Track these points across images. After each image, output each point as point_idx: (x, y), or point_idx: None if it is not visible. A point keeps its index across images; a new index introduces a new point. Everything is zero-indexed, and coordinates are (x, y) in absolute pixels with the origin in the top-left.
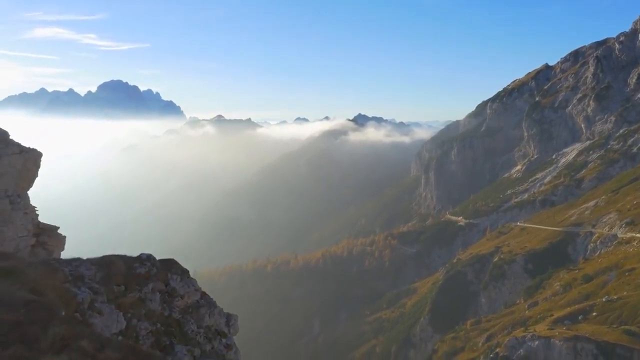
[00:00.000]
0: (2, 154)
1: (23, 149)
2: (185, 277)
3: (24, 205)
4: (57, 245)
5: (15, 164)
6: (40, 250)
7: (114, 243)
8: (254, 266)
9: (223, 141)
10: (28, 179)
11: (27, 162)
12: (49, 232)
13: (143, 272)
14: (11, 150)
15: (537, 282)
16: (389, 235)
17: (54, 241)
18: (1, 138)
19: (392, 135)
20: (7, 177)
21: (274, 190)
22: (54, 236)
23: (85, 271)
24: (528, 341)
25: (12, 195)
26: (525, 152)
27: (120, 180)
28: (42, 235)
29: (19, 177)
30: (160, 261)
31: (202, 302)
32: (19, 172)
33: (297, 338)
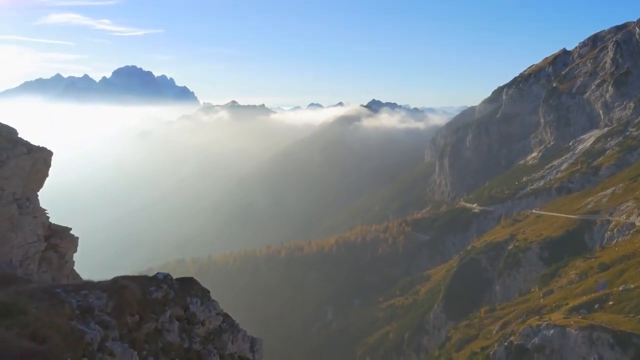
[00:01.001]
0: (9, 155)
1: (32, 148)
2: (206, 300)
3: (33, 209)
4: (70, 247)
5: (24, 165)
6: (52, 254)
7: (128, 230)
8: (268, 252)
9: (237, 127)
10: (38, 180)
11: (36, 163)
12: (61, 233)
13: (160, 296)
14: (19, 151)
15: (552, 270)
16: (403, 222)
17: (66, 243)
18: (9, 137)
19: (406, 121)
20: (14, 179)
21: (287, 176)
22: (66, 238)
23: (95, 301)
24: (543, 330)
25: (21, 199)
26: (542, 139)
27: (134, 167)
28: (53, 237)
29: (28, 179)
30: (178, 281)
31: (224, 327)
32: (28, 173)
33: (310, 324)
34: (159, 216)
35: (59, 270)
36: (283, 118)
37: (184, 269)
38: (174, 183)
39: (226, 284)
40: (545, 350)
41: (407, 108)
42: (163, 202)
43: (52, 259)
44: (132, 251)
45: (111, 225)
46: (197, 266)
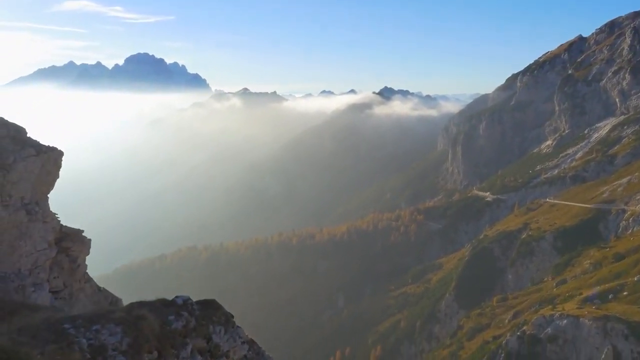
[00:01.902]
0: (17, 158)
1: (41, 149)
2: (230, 327)
3: (43, 214)
4: (82, 250)
5: (33, 168)
6: (63, 258)
7: (140, 217)
8: (280, 239)
9: (249, 114)
10: (48, 182)
11: (46, 164)
12: (73, 236)
13: (180, 326)
14: (27, 153)
15: (566, 260)
16: (415, 210)
17: (78, 246)
18: (17, 137)
19: (418, 108)
20: (23, 183)
21: (299, 163)
22: (78, 241)
23: (108, 338)
24: (556, 320)
25: (30, 204)
26: (556, 127)
27: (147, 154)
28: (65, 240)
29: (37, 182)
30: (199, 306)
31: (250, 356)
32: (37, 176)
33: (321, 311)
34: (171, 203)
35: (71, 275)
36: (295, 105)
37: (196, 256)
38: (186, 170)
39: (238, 271)
40: (558, 341)
41: (420, 95)
42: (175, 189)
43: (63, 264)
44: (145, 238)
45: (124, 212)
46: (209, 253)
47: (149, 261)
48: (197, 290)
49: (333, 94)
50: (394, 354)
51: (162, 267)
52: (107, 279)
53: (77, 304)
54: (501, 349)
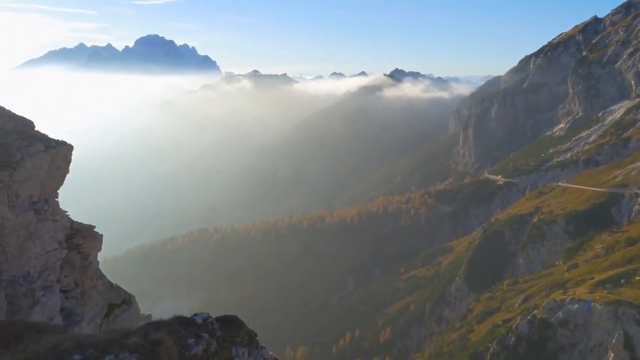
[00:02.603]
0: (25, 154)
1: (50, 143)
2: (254, 348)
3: (52, 213)
4: (94, 246)
5: (41, 164)
6: (74, 255)
7: (151, 199)
8: (290, 222)
9: (259, 97)
10: (57, 178)
11: (55, 160)
12: (84, 232)
13: (200, 351)
14: (35, 149)
15: (577, 244)
16: (426, 193)
17: (90, 242)
18: (25, 131)
19: (429, 90)
20: (31, 181)
21: (309, 145)
22: (89, 237)
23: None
24: (567, 304)
25: (39, 202)
26: (570, 110)
27: (157, 136)
28: (76, 236)
29: (46, 178)
30: (220, 324)
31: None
32: (46, 172)
33: (331, 293)
34: (181, 185)
35: (83, 273)
36: (305, 87)
37: (206, 238)
38: (195, 153)
39: (248, 253)
40: (569, 325)
41: (431, 77)
42: (185, 171)
43: (74, 261)
44: (156, 220)
45: (134, 194)
46: (220, 235)
47: (160, 243)
48: (207, 272)
49: (343, 76)
50: (404, 337)
51: (173, 249)
52: (119, 261)
53: (89, 302)
54: (511, 332)
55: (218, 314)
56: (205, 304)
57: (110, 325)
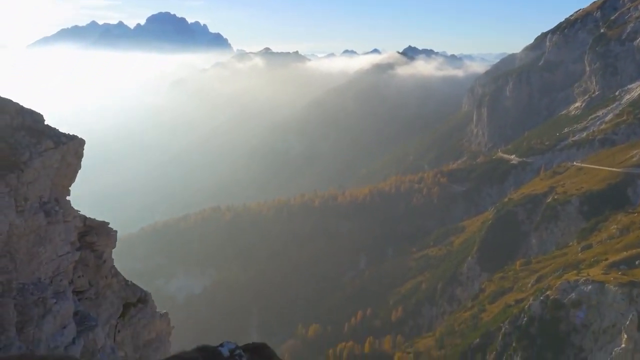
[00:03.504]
0: (33, 153)
1: (60, 139)
2: None
3: (63, 213)
4: (108, 243)
5: (51, 162)
6: (88, 254)
7: (163, 177)
8: (302, 201)
9: (271, 75)
10: (68, 175)
11: (66, 156)
12: (98, 229)
13: None
14: (44, 146)
15: (592, 225)
16: (439, 173)
17: (104, 240)
18: (33, 127)
19: (443, 68)
20: (40, 181)
21: (321, 124)
22: (103, 234)
23: None
24: (581, 285)
25: (49, 203)
26: (586, 88)
27: (169, 115)
28: (89, 234)
29: (57, 176)
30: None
31: None
32: (57, 170)
33: (343, 272)
34: (193, 164)
35: (97, 272)
36: (317, 65)
37: (219, 217)
38: (207, 131)
39: (260, 231)
40: (582, 306)
41: (445, 55)
42: (197, 150)
43: (88, 260)
44: (168, 198)
45: (147, 173)
46: (232, 214)
47: (173, 221)
48: (220, 250)
49: (356, 53)
50: (415, 315)
51: (186, 227)
52: (133, 238)
53: (104, 302)
54: (524, 313)
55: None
56: (218, 282)
57: (126, 325)
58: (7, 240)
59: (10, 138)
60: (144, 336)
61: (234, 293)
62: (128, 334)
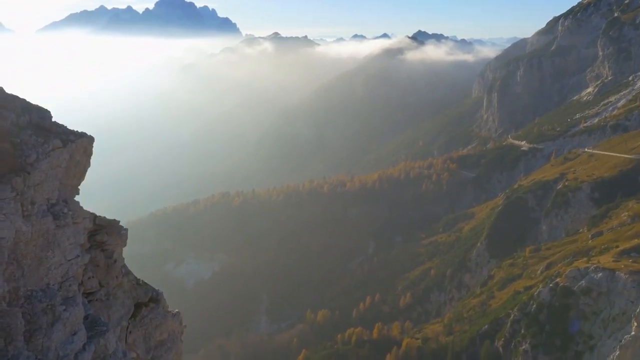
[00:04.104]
0: (40, 154)
1: (68, 138)
2: None
3: (73, 215)
4: (118, 243)
5: (59, 163)
6: (98, 254)
7: (172, 163)
8: (311, 186)
9: (280, 60)
10: (77, 174)
11: (74, 155)
12: (108, 228)
13: None
14: (52, 146)
15: (603, 212)
16: (448, 159)
17: (115, 239)
18: (40, 125)
19: (453, 53)
20: (48, 183)
21: (330, 110)
22: (113, 233)
23: None
24: (591, 272)
25: (57, 205)
26: (599, 74)
27: (178, 100)
28: (99, 233)
29: (65, 176)
30: None
31: None
32: (65, 169)
33: (351, 258)
34: (202, 149)
35: (107, 273)
36: (327, 50)
37: (228, 202)
38: (216, 116)
39: (269, 217)
40: (592, 293)
41: (455, 39)
42: (206, 135)
43: (98, 260)
44: (177, 184)
45: (156, 157)
46: (241, 200)
47: (183, 206)
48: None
49: (365, 38)
50: (424, 302)
51: (195, 212)
52: (143, 223)
53: (114, 303)
54: (533, 299)
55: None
56: (227, 267)
57: (138, 326)
58: (14, 247)
59: (16, 138)
60: (155, 337)
61: (243, 278)
62: (139, 335)
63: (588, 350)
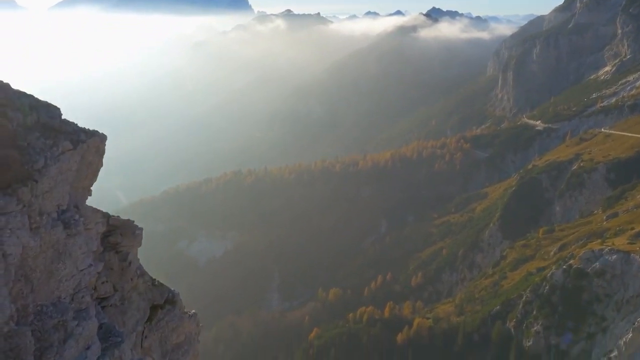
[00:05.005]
0: (49, 158)
1: (79, 138)
2: None
3: (85, 221)
4: (133, 244)
5: (70, 166)
6: (112, 256)
7: (184, 141)
8: (323, 165)
9: (292, 37)
10: (89, 175)
11: (86, 156)
12: (122, 228)
13: None
14: (61, 149)
15: (618, 193)
16: (461, 138)
17: (129, 240)
18: (49, 124)
19: (468, 30)
20: (58, 189)
21: (343, 88)
22: (127, 234)
23: None
24: (605, 255)
25: (68, 211)
26: (617, 52)
27: (189, 78)
28: (113, 234)
29: (76, 179)
30: None
31: None
32: (76, 172)
33: (363, 237)
34: (214, 128)
35: (122, 276)
36: (339, 28)
37: (240, 180)
38: (228, 94)
39: (282, 195)
40: (605, 276)
41: (469, 16)
42: (218, 113)
43: (112, 263)
44: (189, 162)
45: (167, 136)
46: (253, 178)
47: (195, 184)
48: (241, 213)
49: (378, 15)
50: (435, 281)
51: (207, 190)
52: (156, 201)
53: (129, 308)
54: (545, 281)
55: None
56: (239, 245)
57: (154, 330)
58: (21, 263)
59: (22, 141)
60: (172, 340)
61: (255, 256)
62: (155, 339)
63: (600, 332)
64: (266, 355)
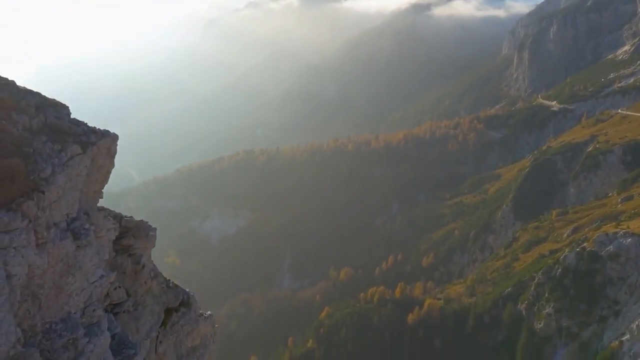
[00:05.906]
0: (56, 166)
1: (89, 140)
2: None
3: (95, 228)
4: (147, 246)
5: (79, 172)
6: (124, 260)
7: (196, 120)
8: (335, 145)
9: (305, 15)
10: (100, 178)
11: (96, 158)
12: (135, 230)
13: None
14: (70, 153)
15: (634, 175)
16: (475, 118)
17: (142, 242)
18: (57, 125)
19: (483, 8)
20: (66, 198)
21: (356, 66)
22: (141, 236)
23: None
24: (620, 238)
25: (78, 219)
26: (636, 31)
27: (201, 56)
28: (126, 236)
29: (86, 184)
30: None
31: None
32: (86, 176)
33: (375, 216)
34: (226, 106)
35: (135, 280)
36: (353, 5)
37: (253, 159)
38: (241, 72)
39: (294, 175)
40: (619, 259)
41: None
42: (230, 92)
43: (125, 267)
44: (201, 141)
45: (180, 115)
46: (265, 157)
47: (208, 163)
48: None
49: None
50: (447, 262)
51: (220, 169)
52: (169, 180)
53: (143, 313)
54: (558, 264)
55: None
56: (251, 223)
57: (168, 334)
58: (28, 282)
59: (28, 147)
60: (187, 343)
61: (267, 235)
62: (170, 343)
63: (612, 316)
64: (278, 333)
